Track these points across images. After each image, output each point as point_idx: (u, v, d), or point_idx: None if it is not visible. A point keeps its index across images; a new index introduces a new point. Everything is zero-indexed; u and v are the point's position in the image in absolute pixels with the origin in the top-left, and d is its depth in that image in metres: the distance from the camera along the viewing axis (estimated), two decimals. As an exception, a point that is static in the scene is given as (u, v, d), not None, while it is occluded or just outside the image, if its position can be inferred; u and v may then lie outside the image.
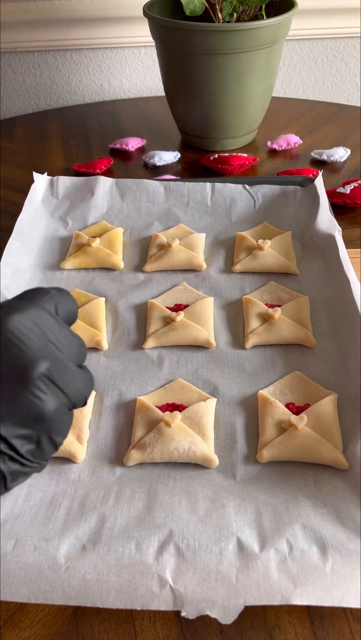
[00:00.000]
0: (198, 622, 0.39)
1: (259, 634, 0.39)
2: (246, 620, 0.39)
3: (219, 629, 0.39)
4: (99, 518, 0.42)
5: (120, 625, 0.39)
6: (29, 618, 0.40)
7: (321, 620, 0.39)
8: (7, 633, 0.39)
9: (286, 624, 0.39)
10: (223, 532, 0.41)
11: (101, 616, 0.40)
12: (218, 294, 0.64)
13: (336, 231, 0.66)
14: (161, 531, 0.41)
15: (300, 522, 0.41)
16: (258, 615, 0.40)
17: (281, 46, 0.88)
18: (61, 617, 0.40)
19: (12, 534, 0.41)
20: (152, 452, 0.47)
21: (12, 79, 1.23)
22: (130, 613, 0.40)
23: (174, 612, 0.40)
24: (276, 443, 0.47)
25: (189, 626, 0.39)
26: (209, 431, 0.48)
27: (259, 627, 0.39)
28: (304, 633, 0.39)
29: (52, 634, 0.39)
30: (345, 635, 0.38)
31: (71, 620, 0.40)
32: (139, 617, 0.40)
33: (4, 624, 0.40)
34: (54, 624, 0.40)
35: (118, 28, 1.16)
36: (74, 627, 0.40)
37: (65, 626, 0.40)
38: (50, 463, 0.47)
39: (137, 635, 0.39)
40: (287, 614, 0.40)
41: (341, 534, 0.40)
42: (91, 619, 0.40)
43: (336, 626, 0.39)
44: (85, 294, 0.64)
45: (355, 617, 0.39)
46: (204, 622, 0.39)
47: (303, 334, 0.57)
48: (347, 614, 0.40)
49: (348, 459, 0.46)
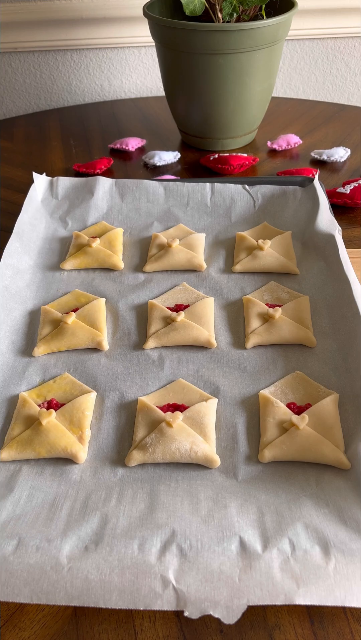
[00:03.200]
0: (198, 622, 0.39)
1: (259, 634, 0.39)
2: (246, 621, 0.39)
3: (219, 629, 0.39)
4: (101, 519, 0.42)
5: (120, 625, 0.39)
6: (29, 618, 0.40)
7: (321, 620, 0.39)
8: (7, 633, 0.39)
9: (286, 624, 0.39)
10: (225, 532, 0.41)
11: (101, 616, 0.40)
12: (218, 294, 0.64)
13: (336, 231, 0.66)
14: (164, 531, 0.41)
15: (302, 522, 0.41)
16: (258, 615, 0.40)
17: (281, 46, 0.88)
18: (61, 617, 0.40)
19: (14, 535, 0.41)
20: (154, 452, 0.47)
21: (12, 79, 1.23)
22: (130, 613, 0.40)
23: (174, 612, 0.40)
24: (278, 443, 0.47)
25: (189, 626, 0.39)
26: (210, 431, 0.48)
27: (259, 627, 0.39)
28: (304, 633, 0.39)
29: (52, 634, 0.39)
30: (345, 635, 0.38)
31: (71, 621, 0.40)
32: (139, 617, 0.40)
33: (4, 624, 0.40)
34: (54, 624, 0.40)
35: (118, 28, 1.16)
36: (73, 627, 0.40)
37: (65, 626, 0.40)
38: (52, 464, 0.47)
39: (137, 635, 0.39)
40: (287, 614, 0.40)
41: (343, 534, 0.40)
42: (91, 619, 0.40)
43: (336, 626, 0.39)
44: (85, 294, 0.64)
45: (355, 617, 0.39)
46: (204, 622, 0.39)
47: (304, 334, 0.57)
48: (347, 614, 0.40)
49: (350, 458, 0.46)
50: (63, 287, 0.66)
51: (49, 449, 0.47)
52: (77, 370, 0.56)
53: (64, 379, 0.54)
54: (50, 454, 0.47)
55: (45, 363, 0.57)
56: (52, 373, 0.56)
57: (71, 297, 0.64)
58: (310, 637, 0.38)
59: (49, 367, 0.56)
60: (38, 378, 0.55)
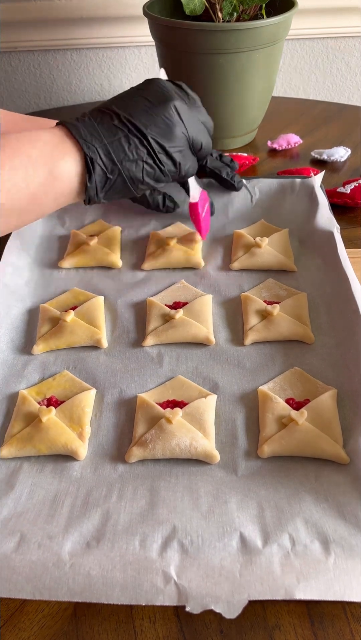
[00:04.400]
0: (197, 622, 0.39)
1: (259, 634, 0.39)
2: (246, 621, 0.39)
3: (219, 629, 0.39)
4: (103, 515, 0.43)
5: (120, 626, 0.39)
6: (28, 618, 0.40)
7: (321, 620, 0.39)
8: (7, 633, 0.39)
9: (286, 624, 0.39)
10: (225, 527, 0.41)
11: (101, 616, 0.40)
12: (216, 291, 0.64)
13: (334, 228, 0.67)
14: (165, 527, 0.41)
15: (302, 517, 0.41)
16: (258, 616, 0.40)
17: (282, 46, 0.88)
18: (61, 617, 0.40)
19: (16, 531, 0.41)
20: (154, 448, 0.47)
21: (12, 79, 1.23)
22: (130, 613, 0.40)
23: (174, 612, 0.40)
24: (277, 438, 0.47)
25: (189, 626, 0.39)
26: (210, 427, 0.49)
27: (259, 627, 0.39)
28: (304, 633, 0.39)
29: (52, 634, 0.39)
30: (345, 635, 0.38)
31: (71, 621, 0.40)
32: (139, 617, 0.40)
33: (3, 624, 0.40)
34: (54, 624, 0.40)
35: (118, 27, 1.16)
36: (73, 627, 0.40)
37: (65, 626, 0.40)
38: (52, 461, 0.48)
39: (137, 635, 0.39)
40: (287, 614, 0.40)
41: (342, 529, 0.40)
42: (91, 619, 0.40)
43: (336, 626, 0.39)
44: (84, 292, 0.64)
45: (355, 617, 0.39)
46: (204, 622, 0.39)
47: (302, 331, 0.57)
48: (347, 614, 0.40)
49: (349, 453, 0.46)
50: (62, 286, 0.66)
51: (50, 446, 0.47)
52: (77, 368, 0.56)
53: (63, 377, 0.55)
54: (51, 450, 0.47)
55: (44, 361, 0.57)
56: (51, 371, 0.56)
57: (69, 295, 0.64)
58: (309, 637, 0.38)
59: (49, 365, 0.56)
60: (38, 376, 0.55)
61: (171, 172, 0.51)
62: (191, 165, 0.55)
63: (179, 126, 0.50)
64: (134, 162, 0.48)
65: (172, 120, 0.49)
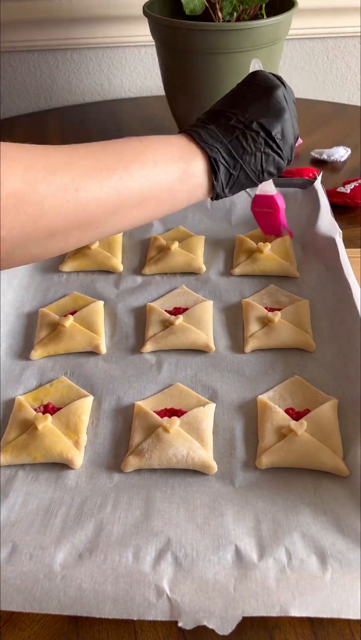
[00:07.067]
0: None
1: (259, 634, 0.38)
2: (246, 621, 0.39)
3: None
4: (96, 525, 0.42)
5: (120, 626, 0.39)
6: (28, 618, 0.40)
7: (321, 620, 0.39)
8: (7, 633, 0.39)
9: (286, 624, 0.39)
10: (221, 540, 0.40)
11: (101, 616, 0.40)
12: (217, 297, 0.64)
13: (336, 234, 0.66)
14: (159, 539, 0.41)
15: (299, 531, 0.41)
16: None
17: (282, 45, 0.88)
18: (61, 617, 0.40)
19: (8, 541, 0.41)
20: (151, 458, 0.46)
21: (12, 79, 1.23)
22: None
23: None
24: (276, 449, 0.46)
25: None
26: (208, 437, 0.48)
27: (259, 627, 0.39)
28: (304, 633, 0.38)
29: (52, 634, 0.39)
30: (345, 635, 0.38)
31: (71, 621, 0.40)
32: (139, 617, 0.40)
33: (3, 624, 0.40)
34: (54, 624, 0.40)
35: (118, 27, 1.16)
36: (73, 627, 0.39)
37: (65, 626, 0.40)
38: (47, 469, 0.47)
39: (137, 636, 0.39)
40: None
41: (341, 543, 0.40)
42: (91, 619, 0.39)
43: (336, 626, 0.39)
44: (83, 297, 0.64)
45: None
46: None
47: (303, 338, 0.57)
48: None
49: (349, 465, 0.46)
50: (62, 290, 0.66)
51: (45, 454, 0.47)
52: (75, 374, 0.55)
53: (60, 383, 0.54)
54: (46, 459, 0.47)
55: (42, 366, 0.56)
56: (49, 376, 0.55)
57: (69, 299, 0.64)
58: (309, 637, 0.38)
59: (46, 371, 0.56)
60: (35, 381, 0.55)
61: (287, 156, 0.53)
62: (293, 151, 0.57)
63: (287, 111, 0.52)
64: (253, 155, 0.51)
65: (282, 105, 0.52)
